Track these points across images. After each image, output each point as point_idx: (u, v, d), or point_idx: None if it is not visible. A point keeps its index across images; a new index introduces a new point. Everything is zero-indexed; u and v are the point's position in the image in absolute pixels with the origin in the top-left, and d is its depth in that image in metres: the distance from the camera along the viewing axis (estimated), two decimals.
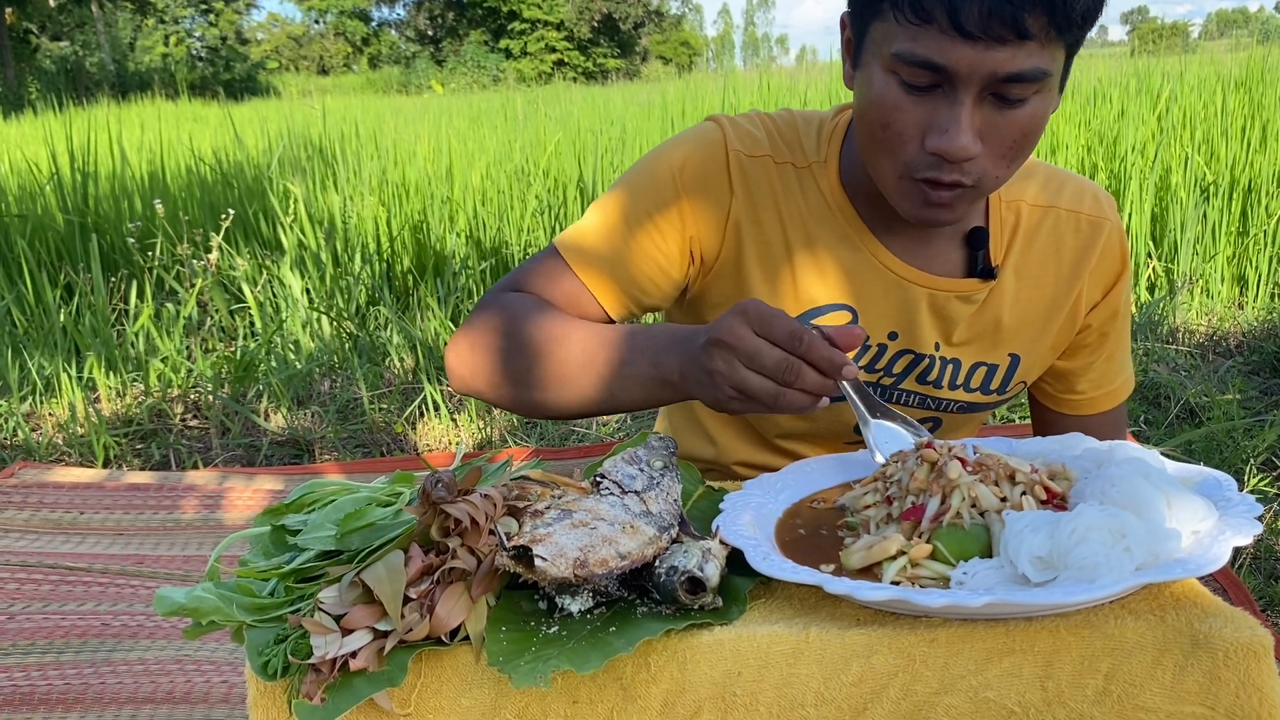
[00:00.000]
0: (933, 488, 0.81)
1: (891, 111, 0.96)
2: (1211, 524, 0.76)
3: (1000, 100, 0.94)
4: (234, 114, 9.56)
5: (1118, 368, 1.25)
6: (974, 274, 1.13)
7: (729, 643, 0.72)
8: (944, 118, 0.94)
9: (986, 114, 0.95)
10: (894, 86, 0.96)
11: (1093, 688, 0.70)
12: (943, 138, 0.94)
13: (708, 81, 11.90)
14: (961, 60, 0.91)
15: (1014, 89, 0.93)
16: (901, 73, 0.94)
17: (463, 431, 3.26)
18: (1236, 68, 6.14)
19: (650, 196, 1.12)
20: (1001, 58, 0.91)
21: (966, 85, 0.93)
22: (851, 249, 1.12)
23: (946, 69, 0.92)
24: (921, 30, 0.91)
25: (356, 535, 0.80)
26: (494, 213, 5.19)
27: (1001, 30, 0.89)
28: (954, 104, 0.94)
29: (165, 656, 1.93)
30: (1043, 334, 1.18)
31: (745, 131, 1.14)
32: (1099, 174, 4.91)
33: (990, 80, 0.92)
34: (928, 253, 1.13)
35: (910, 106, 0.96)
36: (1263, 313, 4.05)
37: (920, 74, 0.93)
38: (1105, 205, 1.18)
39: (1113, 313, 1.20)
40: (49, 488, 2.70)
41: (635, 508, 0.82)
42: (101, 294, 4.06)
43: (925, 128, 0.96)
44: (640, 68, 41.40)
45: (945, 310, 1.13)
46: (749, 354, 0.87)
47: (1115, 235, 1.18)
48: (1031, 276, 1.15)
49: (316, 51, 50.42)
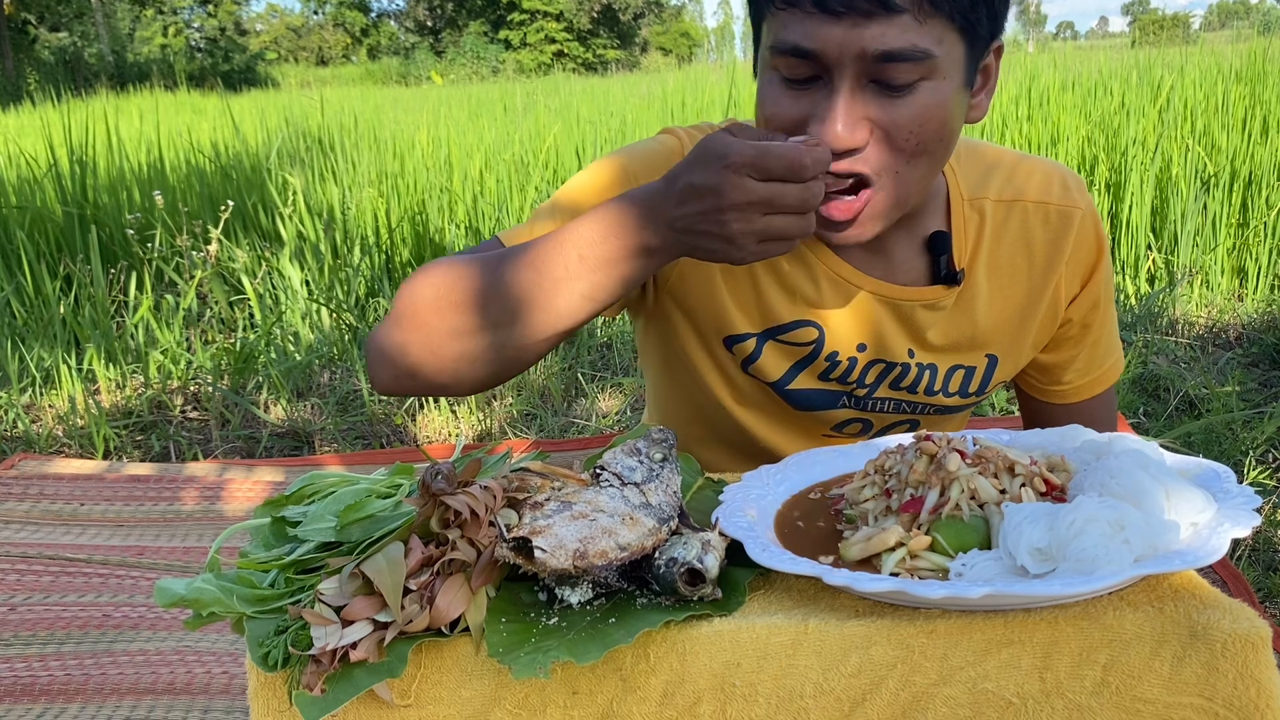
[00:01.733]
0: (932, 480, 0.81)
1: (771, 107, 0.94)
2: (1210, 516, 0.76)
3: (884, 87, 0.91)
4: (233, 105, 9.55)
5: (1103, 353, 1.21)
6: (938, 280, 1.10)
7: (728, 634, 0.72)
8: (820, 108, 0.91)
9: (870, 102, 0.91)
10: (775, 83, 0.94)
11: (1091, 679, 0.70)
12: (819, 126, 0.90)
13: (708, 73, 11.88)
14: (830, 40, 0.88)
15: (893, 71, 0.89)
16: (780, 67, 0.93)
17: (462, 423, 3.26)
18: (1237, 59, 6.13)
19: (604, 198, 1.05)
20: (871, 34, 0.88)
21: (840, 70, 0.90)
22: (807, 266, 1.09)
23: (815, 52, 0.89)
24: (790, 15, 0.90)
25: (356, 527, 0.81)
26: (493, 204, 5.19)
27: (860, 3, 0.86)
28: (831, 92, 0.91)
29: (166, 648, 1.93)
30: (1020, 332, 1.15)
31: None
32: (1100, 166, 4.90)
33: (863, 61, 0.89)
34: (888, 263, 1.10)
35: (790, 102, 0.93)
36: (1263, 305, 4.05)
37: (796, 65, 0.91)
38: (1075, 191, 1.14)
39: (1093, 303, 1.17)
40: (49, 479, 2.70)
41: (635, 499, 0.82)
42: (101, 286, 4.06)
43: (805, 120, 0.92)
44: (640, 59, 41.34)
45: (912, 319, 1.11)
46: (765, 199, 0.83)
47: (1088, 222, 1.14)
48: (1004, 275, 1.12)
49: (315, 42, 50.30)
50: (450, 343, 0.97)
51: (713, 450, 1.23)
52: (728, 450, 1.22)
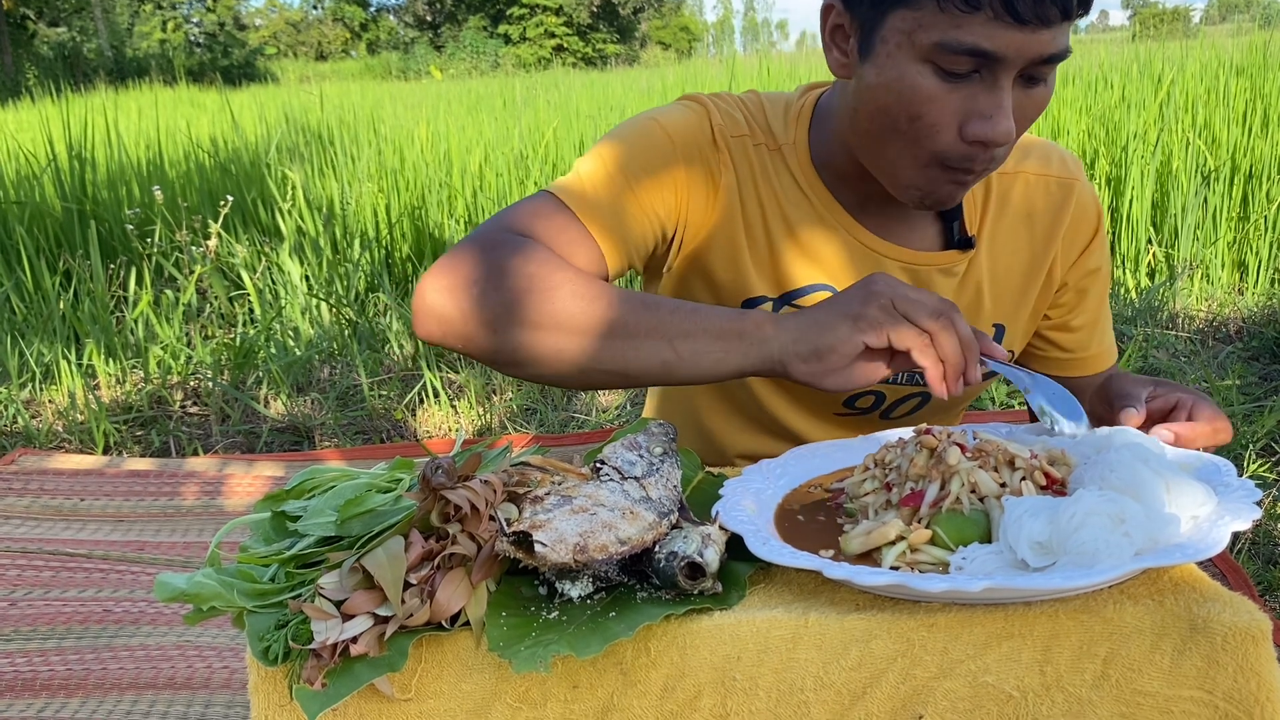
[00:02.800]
0: (932, 473, 0.81)
1: (924, 103, 0.94)
2: (1210, 509, 0.76)
3: (1028, 81, 0.95)
4: (232, 100, 9.54)
5: (1101, 333, 1.24)
6: (951, 246, 1.13)
7: (728, 627, 0.72)
8: (985, 104, 0.93)
9: (1015, 95, 0.95)
10: (929, 75, 0.93)
11: (1091, 672, 0.70)
12: (986, 124, 0.93)
13: (708, 67, 11.87)
14: (1011, 45, 0.90)
15: (1046, 70, 0.94)
16: (941, 61, 0.92)
17: (462, 418, 3.26)
18: (1238, 53, 6.12)
19: (649, 153, 1.08)
20: (1045, 39, 0.90)
21: (1008, 70, 0.92)
22: (828, 229, 1.12)
23: (995, 54, 0.90)
24: (969, 18, 0.89)
25: (357, 521, 0.81)
26: (492, 198, 5.18)
27: (1050, 12, 0.89)
28: (996, 89, 0.92)
29: (166, 642, 1.93)
30: (1023, 300, 1.18)
31: (725, 111, 1.12)
32: (1100, 159, 4.90)
33: (1032, 63, 0.92)
34: (903, 229, 1.12)
35: (946, 95, 0.94)
36: (1263, 298, 4.05)
37: (963, 61, 0.91)
38: (1073, 166, 1.18)
39: (1089, 270, 1.20)
40: (49, 474, 2.71)
41: (635, 493, 0.82)
42: (100, 281, 4.06)
43: (963, 116, 0.94)
44: (640, 53, 41.26)
45: (928, 285, 1.13)
46: (907, 301, 0.88)
47: (1087, 195, 1.18)
48: (1007, 243, 1.16)
49: (315, 37, 50.22)
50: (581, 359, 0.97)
51: (720, 418, 1.23)
52: (738, 419, 1.23)
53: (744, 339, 0.93)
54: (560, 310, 0.95)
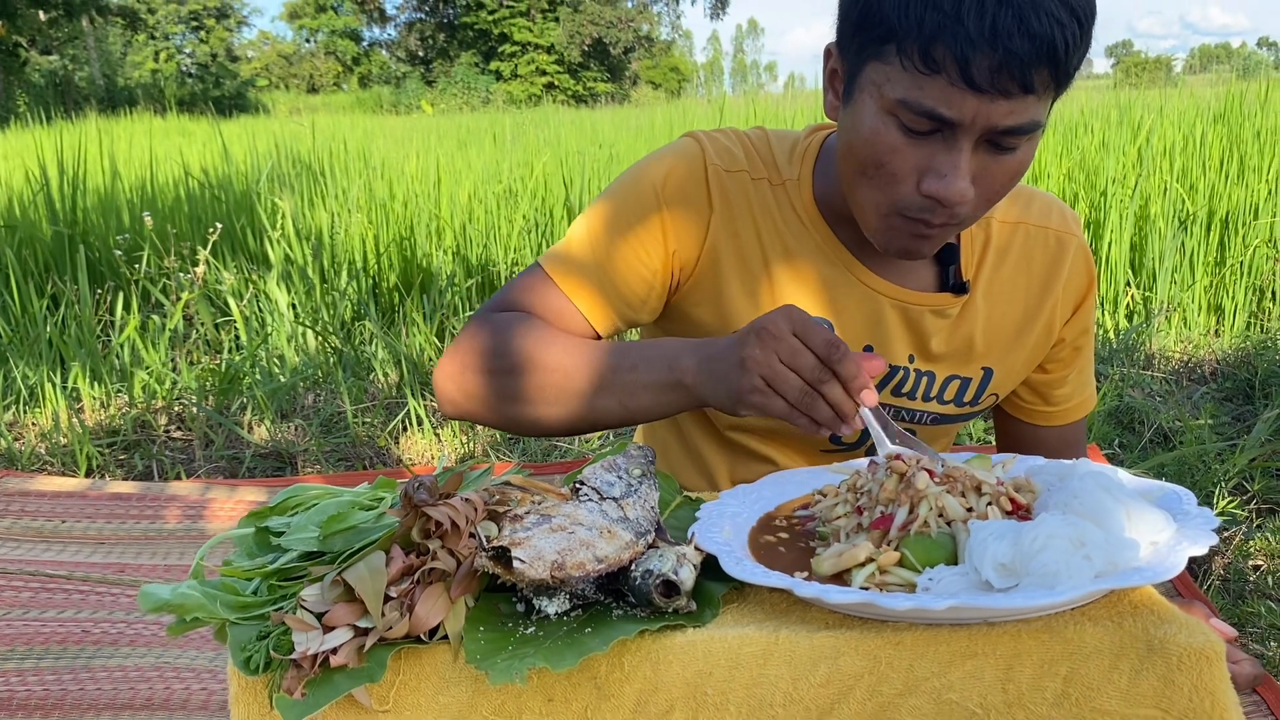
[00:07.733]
0: (901, 498, 0.83)
1: (887, 153, 0.98)
2: (1169, 535, 0.78)
3: (994, 147, 0.97)
4: (223, 130, 9.57)
5: (1085, 380, 1.28)
6: (946, 289, 1.16)
7: (701, 644, 0.74)
8: (942, 162, 0.96)
9: (980, 159, 0.97)
10: (892, 129, 0.97)
11: (1051, 690, 0.72)
12: (940, 183, 0.96)
13: (697, 107, 11.98)
14: (966, 110, 0.93)
15: (1010, 140, 0.96)
16: (903, 117, 0.95)
17: (445, 446, 3.27)
18: (1216, 101, 6.23)
19: (633, 210, 1.14)
20: (1003, 110, 0.93)
21: (967, 133, 0.95)
22: (827, 263, 1.15)
23: (951, 120, 0.93)
24: (929, 80, 0.92)
25: (339, 537, 0.82)
26: (481, 231, 5.22)
27: (1009, 85, 0.91)
28: (953, 150, 0.95)
29: (145, 663, 1.93)
30: (1015, 348, 1.20)
31: (723, 147, 1.16)
32: (1080, 203, 4.97)
33: (989, 131, 0.94)
34: (901, 269, 1.15)
35: (907, 149, 0.97)
36: (1238, 341, 4.11)
37: (922, 121, 0.95)
38: (1071, 221, 1.21)
39: (1084, 328, 1.24)
40: (31, 496, 2.70)
41: (613, 513, 0.84)
42: (88, 305, 4.07)
43: (922, 171, 0.97)
44: (630, 92, 41.61)
45: (919, 324, 1.16)
46: (789, 350, 0.91)
47: (1081, 252, 1.21)
48: (1004, 293, 1.18)
49: (307, 70, 50.49)
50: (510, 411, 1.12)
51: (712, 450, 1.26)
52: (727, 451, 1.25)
53: (676, 390, 1.03)
54: (545, 384, 1.08)
